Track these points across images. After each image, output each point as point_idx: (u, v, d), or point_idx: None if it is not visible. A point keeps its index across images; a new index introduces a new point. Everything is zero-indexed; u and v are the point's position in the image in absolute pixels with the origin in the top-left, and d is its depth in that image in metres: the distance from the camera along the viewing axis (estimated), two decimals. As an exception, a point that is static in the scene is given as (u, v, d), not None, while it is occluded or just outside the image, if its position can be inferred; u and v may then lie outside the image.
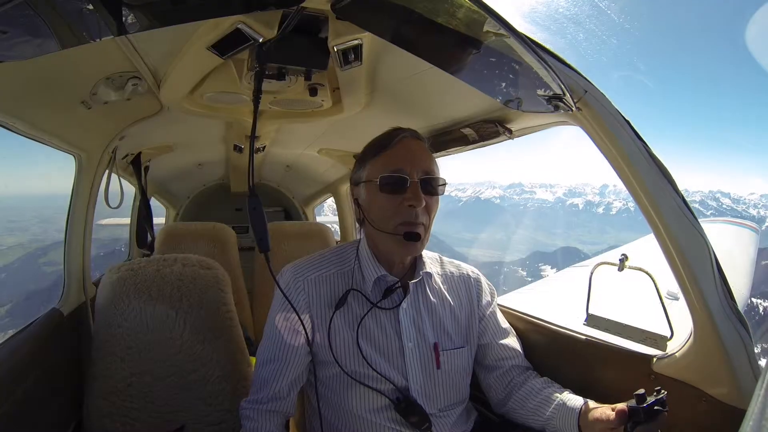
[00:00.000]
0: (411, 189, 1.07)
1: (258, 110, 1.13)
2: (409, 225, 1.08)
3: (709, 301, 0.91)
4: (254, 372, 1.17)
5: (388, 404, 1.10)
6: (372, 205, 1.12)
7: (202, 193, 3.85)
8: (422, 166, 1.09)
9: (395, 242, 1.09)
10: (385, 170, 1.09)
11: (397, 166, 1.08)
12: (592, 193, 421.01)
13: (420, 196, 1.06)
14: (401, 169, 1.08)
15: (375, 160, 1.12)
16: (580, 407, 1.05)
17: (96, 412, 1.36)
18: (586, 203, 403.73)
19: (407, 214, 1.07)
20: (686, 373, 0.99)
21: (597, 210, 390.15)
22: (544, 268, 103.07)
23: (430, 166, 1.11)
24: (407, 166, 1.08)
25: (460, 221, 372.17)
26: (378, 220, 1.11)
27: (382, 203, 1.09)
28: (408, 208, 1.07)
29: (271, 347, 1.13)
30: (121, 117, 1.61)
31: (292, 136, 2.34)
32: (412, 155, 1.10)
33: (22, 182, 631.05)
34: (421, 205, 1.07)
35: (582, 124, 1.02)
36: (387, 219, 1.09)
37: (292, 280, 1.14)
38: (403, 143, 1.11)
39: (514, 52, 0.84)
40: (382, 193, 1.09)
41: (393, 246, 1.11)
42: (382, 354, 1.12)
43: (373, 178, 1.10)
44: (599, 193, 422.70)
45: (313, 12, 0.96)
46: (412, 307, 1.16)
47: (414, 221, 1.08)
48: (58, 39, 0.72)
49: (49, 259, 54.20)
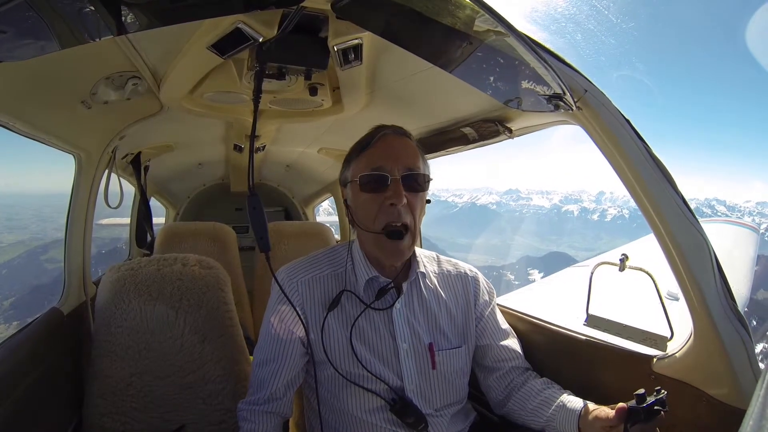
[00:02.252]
0: (392, 186, 1.05)
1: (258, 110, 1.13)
2: (392, 225, 1.06)
3: (709, 301, 0.91)
4: (251, 373, 1.17)
5: (383, 405, 1.10)
6: (357, 206, 1.11)
7: (202, 192, 3.85)
8: (404, 162, 1.07)
9: (380, 242, 1.07)
10: (366, 169, 1.08)
11: (376, 164, 1.07)
12: (588, 200, 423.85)
13: (400, 193, 1.04)
14: (381, 166, 1.06)
15: (358, 160, 1.11)
16: (580, 408, 1.05)
17: (96, 411, 1.36)
18: (581, 210, 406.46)
19: (390, 213, 1.05)
20: (686, 374, 0.99)
21: (592, 217, 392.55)
22: (532, 272, 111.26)
23: (413, 162, 1.08)
24: (387, 163, 1.06)
25: (455, 226, 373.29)
26: (363, 220, 1.10)
27: (365, 203, 1.08)
28: (390, 207, 1.05)
29: (268, 348, 1.13)
30: (121, 116, 1.61)
31: (292, 135, 2.34)
32: (392, 152, 1.08)
33: (22, 181, 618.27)
34: (401, 202, 1.04)
35: (582, 124, 1.02)
36: (371, 219, 1.08)
37: (286, 282, 1.14)
38: (383, 140, 1.10)
39: (514, 51, 0.84)
40: (364, 193, 1.08)
41: (378, 248, 1.09)
42: (377, 355, 1.11)
43: (355, 178, 1.10)
44: (595, 200, 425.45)
45: (313, 11, 0.96)
46: (407, 308, 1.15)
47: (395, 219, 1.05)
48: (58, 39, 0.72)
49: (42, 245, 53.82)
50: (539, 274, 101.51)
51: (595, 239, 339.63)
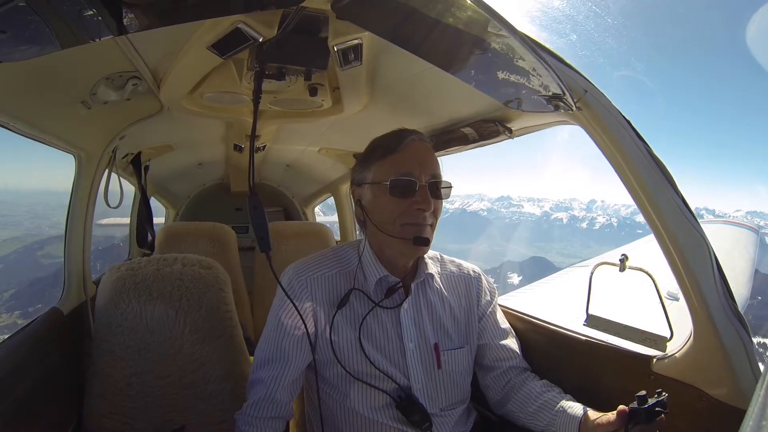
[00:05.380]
0: (420, 193, 1.07)
1: (258, 110, 1.13)
2: (416, 227, 1.08)
3: (709, 302, 0.91)
4: (251, 375, 1.15)
5: (389, 402, 1.10)
6: (377, 207, 1.12)
7: (202, 192, 3.85)
8: (430, 169, 1.10)
9: (402, 245, 1.09)
10: (394, 173, 1.08)
11: (406, 169, 1.08)
12: (578, 209, 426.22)
13: (429, 201, 1.07)
14: (410, 172, 1.08)
15: (382, 162, 1.11)
16: (581, 415, 1.05)
17: (96, 411, 1.35)
18: (570, 218, 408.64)
19: (414, 216, 1.08)
20: (686, 374, 0.99)
21: (581, 225, 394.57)
22: (511, 275, 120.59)
23: (436, 170, 1.12)
24: (416, 169, 1.08)
25: (443, 233, 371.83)
26: (383, 221, 1.10)
27: (389, 206, 1.09)
28: (416, 211, 1.07)
29: (271, 347, 1.12)
30: (121, 117, 1.61)
31: (292, 135, 2.34)
32: (420, 159, 1.10)
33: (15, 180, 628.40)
34: (430, 209, 1.08)
35: (582, 124, 1.02)
36: (392, 221, 1.09)
37: (295, 279, 1.14)
38: (412, 146, 1.11)
39: (514, 51, 0.84)
40: (390, 196, 1.08)
41: (400, 248, 1.11)
42: (384, 354, 1.12)
43: (380, 181, 1.10)
44: (586, 208, 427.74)
45: (313, 12, 0.96)
46: (413, 308, 1.16)
47: (422, 223, 1.08)
48: (58, 39, 0.72)
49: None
50: (518, 277, 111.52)
51: (583, 247, 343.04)
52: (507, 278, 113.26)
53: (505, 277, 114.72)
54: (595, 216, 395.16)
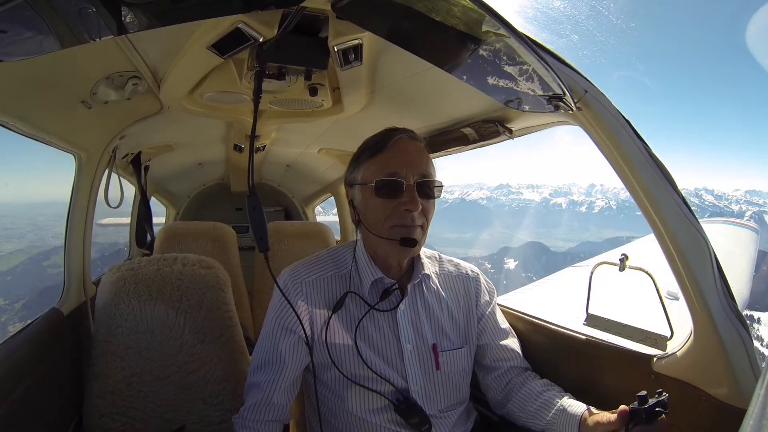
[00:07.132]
0: (407, 193, 1.05)
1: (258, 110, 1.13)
2: (404, 228, 1.06)
3: (709, 301, 0.91)
4: (248, 378, 1.15)
5: (387, 405, 1.09)
6: (367, 208, 1.11)
7: (202, 192, 3.85)
8: (418, 169, 1.07)
9: (391, 246, 1.08)
10: (380, 174, 1.07)
11: (392, 169, 1.06)
12: (578, 193, 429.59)
13: (416, 201, 1.04)
14: (397, 172, 1.06)
15: (370, 162, 1.10)
16: (581, 413, 1.05)
17: (96, 411, 1.35)
18: (569, 202, 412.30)
19: (402, 217, 1.06)
20: (686, 373, 0.99)
21: (580, 209, 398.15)
22: (508, 260, 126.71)
23: (426, 169, 1.09)
24: (403, 169, 1.06)
25: (444, 222, 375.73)
26: (373, 223, 1.09)
27: (377, 207, 1.08)
28: (404, 212, 1.05)
29: (268, 350, 1.12)
30: (121, 117, 1.61)
31: (293, 135, 2.34)
32: (408, 158, 1.07)
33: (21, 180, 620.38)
34: (417, 209, 1.04)
35: (582, 124, 1.02)
36: (381, 222, 1.08)
37: (291, 283, 1.13)
38: (398, 145, 1.09)
39: (514, 52, 0.84)
40: (378, 197, 1.07)
41: (389, 249, 1.10)
42: (381, 356, 1.11)
43: (367, 181, 1.09)
44: (585, 192, 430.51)
45: (314, 11, 0.96)
46: (410, 309, 1.16)
47: (410, 224, 1.06)
48: (58, 39, 0.72)
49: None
50: (514, 262, 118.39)
51: (582, 230, 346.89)
52: (504, 264, 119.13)
53: (501, 263, 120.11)
54: (594, 200, 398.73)
